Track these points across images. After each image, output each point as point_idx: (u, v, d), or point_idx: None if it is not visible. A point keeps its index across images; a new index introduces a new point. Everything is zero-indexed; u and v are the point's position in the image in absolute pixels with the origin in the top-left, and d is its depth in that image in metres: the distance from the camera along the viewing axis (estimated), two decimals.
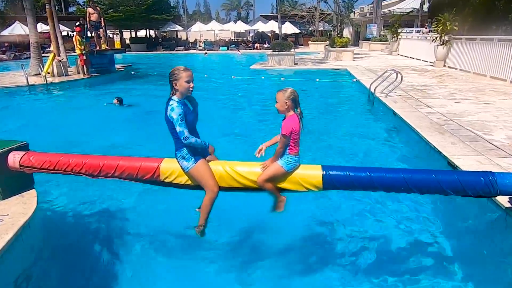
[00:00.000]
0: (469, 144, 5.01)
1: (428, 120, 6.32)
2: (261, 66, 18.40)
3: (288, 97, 2.81)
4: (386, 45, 26.95)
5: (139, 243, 3.43)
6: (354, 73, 13.91)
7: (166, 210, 3.94)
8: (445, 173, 2.97)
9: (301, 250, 3.36)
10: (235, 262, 3.19)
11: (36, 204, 3.19)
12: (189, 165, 2.96)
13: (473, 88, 9.87)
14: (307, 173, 2.94)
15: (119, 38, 36.54)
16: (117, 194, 4.24)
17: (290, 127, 2.78)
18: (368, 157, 5.50)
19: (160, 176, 3.07)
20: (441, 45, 15.00)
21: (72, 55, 18.29)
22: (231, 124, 7.51)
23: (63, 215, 3.93)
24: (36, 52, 14.73)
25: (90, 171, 3.15)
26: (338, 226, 3.67)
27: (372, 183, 2.88)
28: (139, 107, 9.74)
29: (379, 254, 3.22)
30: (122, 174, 3.12)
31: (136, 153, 3.56)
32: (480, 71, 12.33)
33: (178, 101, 2.89)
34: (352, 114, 8.46)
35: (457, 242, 3.38)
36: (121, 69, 17.81)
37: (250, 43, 37.39)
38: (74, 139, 6.52)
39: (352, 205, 3.99)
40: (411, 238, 3.46)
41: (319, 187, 2.90)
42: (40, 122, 8.12)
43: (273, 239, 3.45)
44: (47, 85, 12.54)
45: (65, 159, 3.20)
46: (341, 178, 2.90)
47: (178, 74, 2.89)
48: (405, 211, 3.89)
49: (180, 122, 2.83)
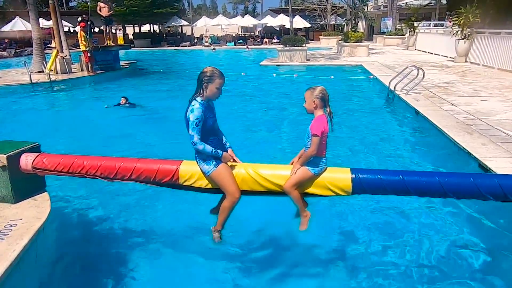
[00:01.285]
0: (501, 145, 4.91)
1: (454, 120, 6.22)
2: (272, 62, 18.36)
3: (316, 95, 2.77)
4: (402, 39, 26.69)
5: (155, 248, 3.41)
6: (370, 69, 13.79)
7: (187, 212, 3.90)
8: (484, 176, 2.90)
9: (316, 255, 3.32)
10: (244, 266, 3.15)
11: (50, 207, 3.19)
12: (210, 169, 2.92)
13: (498, 85, 9.71)
14: (335, 177, 2.89)
15: (122, 33, 36.72)
16: (133, 195, 4.25)
17: (321, 127, 2.73)
18: (390, 159, 5.43)
19: (179, 179, 3.05)
20: (462, 39, 14.78)
21: (74, 52, 18.49)
22: (245, 124, 7.48)
23: (76, 218, 3.95)
24: (39, 49, 14.90)
25: (105, 173, 3.14)
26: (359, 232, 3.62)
27: (405, 187, 2.82)
28: (148, 106, 9.76)
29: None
30: (139, 177, 3.09)
31: (149, 156, 3.54)
32: (506, 67, 12.12)
33: (201, 102, 2.85)
34: (371, 113, 8.36)
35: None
36: (126, 65, 17.92)
37: (259, 38, 37.31)
38: (81, 140, 6.56)
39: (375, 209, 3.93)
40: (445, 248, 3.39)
41: (348, 192, 2.85)
42: (45, 122, 8.20)
43: (289, 245, 3.41)
44: (51, 83, 12.65)
45: (80, 161, 3.19)
46: (371, 181, 2.85)
47: (212, 77, 2.84)
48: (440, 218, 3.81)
49: (194, 127, 2.79)
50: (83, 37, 13.93)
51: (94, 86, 13.44)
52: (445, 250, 3.32)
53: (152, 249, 3.40)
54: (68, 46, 16.53)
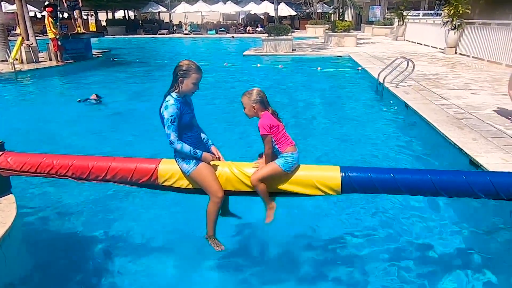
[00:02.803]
0: (492, 140, 5.04)
1: (444, 114, 6.35)
2: (256, 52, 18.30)
3: (255, 99, 2.81)
4: (391, 29, 27.05)
5: (134, 252, 3.35)
6: (359, 60, 13.92)
7: (163, 213, 3.87)
8: (476, 174, 2.97)
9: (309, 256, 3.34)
10: (235, 269, 3.14)
11: (16, 211, 3.08)
12: (190, 168, 2.87)
13: (489, 78, 9.96)
14: (324, 175, 2.89)
15: (94, 20, 35.73)
16: (108, 194, 4.15)
17: (265, 124, 2.77)
18: (380, 155, 5.49)
19: (158, 179, 2.99)
20: (452, 29, 15.08)
21: (41, 39, 17.82)
22: (224, 118, 7.42)
23: (47, 222, 3.82)
24: (2, 36, 14.23)
25: (77, 173, 3.04)
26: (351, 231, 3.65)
27: (396, 186, 2.86)
28: (123, 100, 9.56)
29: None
30: (114, 177, 3.02)
31: (125, 155, 3.43)
32: (495, 59, 12.45)
33: (176, 98, 2.80)
34: (359, 107, 8.45)
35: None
36: (98, 55, 17.47)
37: (242, 26, 37.08)
38: (49, 138, 6.32)
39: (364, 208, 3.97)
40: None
41: (337, 191, 2.86)
42: (9, 117, 7.85)
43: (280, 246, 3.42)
44: (16, 74, 12.21)
45: (49, 160, 3.08)
46: (362, 180, 2.86)
47: (189, 71, 2.79)
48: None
49: (170, 124, 2.74)
50: (51, 23, 13.51)
51: (63, 77, 13.05)
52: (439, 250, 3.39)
53: (130, 253, 3.34)
54: (34, 32, 15.92)
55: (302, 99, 9.41)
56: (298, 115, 7.81)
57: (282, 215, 3.24)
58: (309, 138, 6.22)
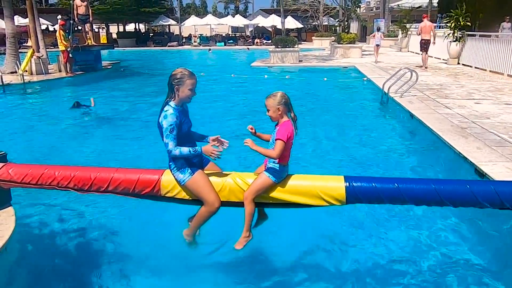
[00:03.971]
0: (496, 149, 4.94)
1: (448, 123, 6.26)
2: (263, 63, 18.35)
3: (279, 102, 2.72)
4: (395, 41, 27.00)
5: (132, 267, 3.22)
6: (364, 71, 13.87)
7: (161, 224, 3.71)
8: (480, 183, 2.89)
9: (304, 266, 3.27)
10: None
11: (15, 224, 2.95)
12: (185, 177, 2.78)
13: (491, 88, 9.85)
14: (328, 185, 2.82)
15: (105, 32, 36.17)
16: (107, 207, 4.04)
17: (286, 133, 2.69)
18: (385, 165, 5.41)
19: (161, 191, 2.90)
20: (454, 41, 15.01)
21: (52, 51, 17.95)
22: (232, 129, 7.40)
23: (44, 236, 3.68)
24: (13, 48, 14.23)
25: (79, 185, 2.93)
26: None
27: (400, 196, 2.79)
28: (130, 110, 9.54)
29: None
30: (116, 188, 2.91)
31: (129, 166, 3.34)
32: (497, 69, 12.32)
33: (174, 107, 2.76)
34: (365, 116, 8.37)
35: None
36: (108, 66, 17.61)
37: (250, 38, 37.34)
38: (55, 149, 6.23)
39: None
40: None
41: (342, 201, 2.79)
42: (15, 128, 7.65)
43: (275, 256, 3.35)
44: (24, 85, 12.10)
45: (50, 172, 2.97)
46: (366, 190, 2.79)
47: (182, 79, 2.75)
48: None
49: (169, 133, 2.69)
50: (63, 36, 13.59)
51: (72, 88, 12.86)
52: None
53: (132, 269, 3.20)
54: (45, 45, 15.97)
55: (309, 107, 9.34)
56: (304, 123, 7.75)
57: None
58: (315, 146, 6.17)
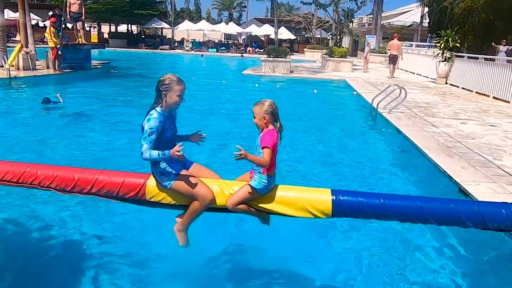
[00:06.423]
0: (480, 169, 5.03)
1: (435, 141, 6.36)
2: (254, 72, 18.45)
3: (266, 110, 2.70)
4: (386, 57, 27.46)
5: (111, 267, 3.18)
6: (354, 85, 14.06)
7: (142, 226, 3.69)
8: (464, 203, 2.92)
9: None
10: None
11: None
12: (171, 180, 2.71)
13: (477, 109, 10.09)
14: (314, 198, 2.81)
15: (97, 31, 35.80)
16: (96, 206, 3.99)
17: (271, 141, 2.65)
18: (370, 179, 5.45)
19: (146, 195, 2.83)
20: (443, 61, 15.37)
21: (40, 47, 17.65)
22: (220, 138, 7.36)
23: (21, 234, 3.59)
24: (1, 42, 13.97)
25: (62, 185, 2.85)
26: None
27: (386, 211, 2.79)
28: (118, 111, 9.46)
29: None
30: (100, 190, 2.84)
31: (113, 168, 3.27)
32: (483, 91, 12.66)
33: (160, 113, 2.72)
34: (353, 130, 8.46)
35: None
36: (97, 66, 17.46)
37: (242, 46, 37.53)
38: (38, 147, 6.09)
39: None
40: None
41: (328, 214, 2.78)
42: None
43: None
44: (10, 80, 11.90)
45: (33, 170, 2.87)
46: (352, 204, 2.80)
47: (171, 84, 2.72)
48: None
49: (147, 136, 2.63)
50: (53, 33, 13.44)
51: (58, 86, 12.60)
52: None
53: (115, 273, 3.14)
54: (34, 41, 15.71)
55: (297, 119, 9.39)
56: (291, 135, 7.76)
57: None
58: (300, 158, 6.17)
